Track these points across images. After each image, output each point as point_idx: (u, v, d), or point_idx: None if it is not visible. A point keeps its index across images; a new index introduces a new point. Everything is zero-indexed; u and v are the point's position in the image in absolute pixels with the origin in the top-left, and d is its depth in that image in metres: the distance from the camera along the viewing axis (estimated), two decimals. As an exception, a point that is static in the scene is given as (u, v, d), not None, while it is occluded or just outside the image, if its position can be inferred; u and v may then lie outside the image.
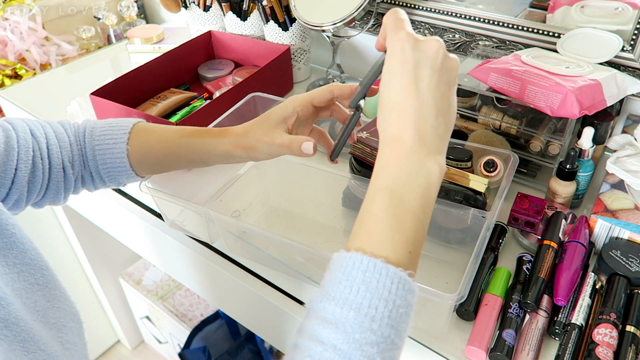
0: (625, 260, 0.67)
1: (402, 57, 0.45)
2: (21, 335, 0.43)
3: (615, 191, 0.74)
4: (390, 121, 0.46)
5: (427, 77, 0.45)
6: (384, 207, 0.44)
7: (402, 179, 0.44)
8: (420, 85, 0.45)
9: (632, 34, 0.81)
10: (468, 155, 0.74)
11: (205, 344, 1.47)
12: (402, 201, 0.44)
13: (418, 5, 1.02)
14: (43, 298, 0.49)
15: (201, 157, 0.64)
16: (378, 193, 0.45)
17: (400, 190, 0.44)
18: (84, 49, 1.42)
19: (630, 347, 0.58)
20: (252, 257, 0.79)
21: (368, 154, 0.73)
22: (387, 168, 0.45)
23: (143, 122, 0.70)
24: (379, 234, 0.43)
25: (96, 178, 0.69)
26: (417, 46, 0.45)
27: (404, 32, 0.45)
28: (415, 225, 0.44)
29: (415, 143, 0.45)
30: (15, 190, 0.61)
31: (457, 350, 0.62)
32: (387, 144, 0.46)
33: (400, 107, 0.45)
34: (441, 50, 0.46)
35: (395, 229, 0.43)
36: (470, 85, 0.82)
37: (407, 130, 0.45)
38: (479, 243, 0.61)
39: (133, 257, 1.67)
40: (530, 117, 0.80)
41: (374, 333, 0.39)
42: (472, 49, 0.99)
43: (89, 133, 0.67)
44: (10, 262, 0.47)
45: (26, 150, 0.61)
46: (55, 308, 0.50)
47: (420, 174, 0.45)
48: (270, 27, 1.10)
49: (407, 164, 0.45)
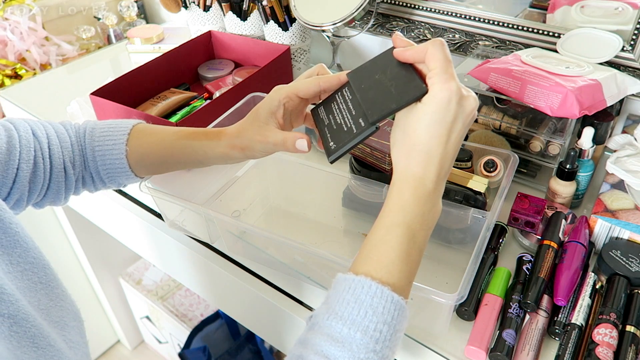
0: (625, 260, 0.67)
1: (447, 108, 0.48)
2: (31, 330, 0.43)
3: (615, 191, 0.74)
4: (417, 161, 0.49)
5: (458, 131, 0.49)
6: (399, 241, 0.48)
7: (418, 217, 0.49)
8: (451, 137, 0.49)
9: (632, 34, 0.81)
10: (468, 155, 0.74)
11: (205, 344, 1.47)
12: (414, 237, 0.48)
13: (418, 5, 1.02)
14: (46, 297, 0.49)
15: (199, 159, 0.64)
16: (397, 227, 0.48)
17: (415, 227, 0.48)
18: (84, 49, 1.42)
19: (630, 347, 0.58)
20: (252, 257, 0.79)
21: (368, 154, 0.73)
22: (408, 206, 0.49)
23: (143, 123, 0.70)
24: (390, 264, 0.47)
25: (96, 179, 0.69)
26: (461, 102, 0.48)
27: (455, 83, 0.48)
28: (419, 259, 0.49)
29: (434, 187, 0.49)
30: (16, 190, 0.61)
31: (457, 350, 0.62)
32: (409, 183, 0.49)
33: (429, 152, 0.49)
34: (476, 109, 0.50)
35: (405, 261, 0.47)
36: (470, 85, 0.82)
37: (431, 175, 0.49)
38: (478, 243, 0.61)
39: (133, 257, 1.67)
40: (530, 117, 0.80)
41: (376, 354, 0.43)
42: (472, 49, 0.99)
43: (89, 134, 0.67)
44: (14, 261, 0.47)
45: (28, 150, 0.61)
46: (58, 307, 0.50)
47: (432, 214, 0.50)
48: (270, 27, 1.10)
49: (424, 205, 0.49)
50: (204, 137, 0.64)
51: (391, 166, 0.73)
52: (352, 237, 0.78)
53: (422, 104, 0.48)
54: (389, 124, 0.77)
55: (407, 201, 0.49)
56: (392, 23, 1.07)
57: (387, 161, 0.72)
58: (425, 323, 0.65)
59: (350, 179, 0.76)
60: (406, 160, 0.50)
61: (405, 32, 1.06)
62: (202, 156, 0.64)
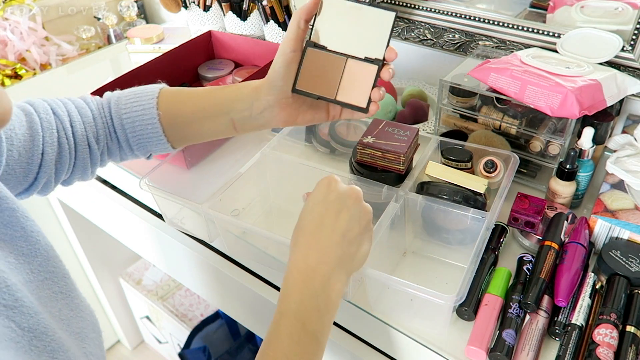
0: (625, 260, 0.67)
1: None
2: (50, 345, 0.42)
3: (615, 191, 0.74)
4: (298, 248, 0.53)
5: (342, 219, 0.55)
6: (288, 332, 0.49)
7: (305, 302, 0.50)
8: (336, 223, 0.54)
9: (632, 34, 0.81)
10: (468, 155, 0.74)
11: (205, 344, 1.47)
12: (305, 327, 0.49)
13: (418, 5, 1.02)
14: (67, 307, 0.48)
15: (228, 106, 0.64)
16: (283, 317, 0.50)
17: (305, 314, 0.50)
18: (84, 49, 1.42)
19: (630, 348, 0.58)
20: (252, 257, 0.79)
21: (379, 157, 0.73)
22: (293, 294, 0.51)
23: (166, 86, 0.69)
24: (284, 356, 0.48)
25: (125, 147, 0.67)
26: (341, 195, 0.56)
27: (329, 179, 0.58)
28: (315, 347, 0.50)
29: (321, 272, 0.51)
30: (43, 174, 0.61)
31: (457, 350, 0.62)
32: (291, 269, 0.52)
33: (311, 238, 0.54)
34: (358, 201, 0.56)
35: (299, 354, 0.49)
36: (470, 85, 0.82)
37: (311, 261, 0.52)
38: (478, 243, 0.61)
39: (133, 257, 1.67)
40: (530, 117, 0.80)
41: None
42: (472, 49, 0.99)
43: (115, 103, 0.66)
44: (35, 270, 0.46)
45: (50, 132, 0.61)
46: (79, 317, 0.49)
47: (325, 297, 0.51)
48: (270, 27, 1.10)
49: (311, 289, 0.51)
50: (233, 85, 0.65)
51: (404, 166, 0.73)
52: (352, 237, 0.78)
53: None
54: (389, 125, 0.77)
55: (291, 282, 0.51)
56: (392, 23, 1.07)
57: (401, 161, 0.72)
58: (425, 323, 0.65)
59: (350, 179, 0.76)
60: (292, 247, 0.54)
61: (405, 32, 1.06)
62: (230, 101, 0.64)
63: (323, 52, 0.60)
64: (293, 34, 0.58)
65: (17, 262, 0.45)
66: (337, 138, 0.89)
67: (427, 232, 0.75)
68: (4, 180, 0.57)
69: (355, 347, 0.74)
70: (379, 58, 0.59)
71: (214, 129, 0.67)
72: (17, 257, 0.45)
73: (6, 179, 0.58)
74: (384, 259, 0.71)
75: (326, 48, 0.60)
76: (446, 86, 0.84)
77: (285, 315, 0.50)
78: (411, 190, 0.72)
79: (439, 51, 1.04)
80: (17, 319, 0.40)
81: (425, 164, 0.74)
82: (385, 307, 0.67)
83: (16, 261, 0.45)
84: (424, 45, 1.05)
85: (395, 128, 0.76)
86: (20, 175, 0.59)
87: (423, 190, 0.72)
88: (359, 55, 0.59)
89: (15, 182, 0.59)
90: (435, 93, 1.01)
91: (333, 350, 0.77)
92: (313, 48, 0.60)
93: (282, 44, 0.59)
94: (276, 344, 0.49)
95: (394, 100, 0.98)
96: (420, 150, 0.78)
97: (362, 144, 0.73)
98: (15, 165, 0.58)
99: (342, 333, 0.76)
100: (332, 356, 0.78)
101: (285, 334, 0.49)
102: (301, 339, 0.49)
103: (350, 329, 0.75)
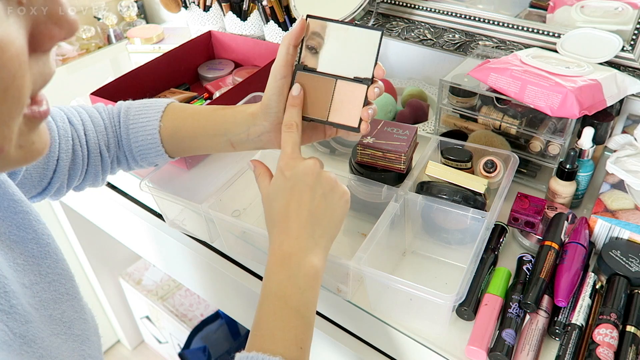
0: (625, 260, 0.67)
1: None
2: (39, 352, 0.43)
3: (615, 191, 0.74)
4: (271, 228, 0.55)
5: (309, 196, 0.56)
6: (271, 311, 0.51)
7: (284, 282, 0.52)
8: (301, 199, 0.55)
9: (632, 34, 0.81)
10: (468, 155, 0.74)
11: (205, 344, 1.47)
12: (286, 304, 0.51)
13: (418, 5, 1.02)
14: (71, 309, 0.49)
15: (226, 129, 0.65)
16: (266, 297, 0.52)
17: (285, 292, 0.51)
18: (84, 49, 1.42)
19: (630, 348, 0.58)
20: (252, 257, 0.79)
21: (380, 157, 0.73)
22: (272, 274, 0.53)
23: (177, 102, 0.71)
24: (271, 336, 0.50)
25: (130, 158, 0.70)
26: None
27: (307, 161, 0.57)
28: (299, 321, 0.51)
29: (294, 249, 0.53)
30: (57, 179, 0.64)
31: (457, 350, 0.62)
32: (270, 250, 0.54)
33: (281, 217, 0.55)
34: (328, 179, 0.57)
35: (284, 329, 0.50)
36: (470, 85, 0.82)
37: (285, 239, 0.54)
38: (478, 243, 0.61)
39: (133, 257, 1.67)
40: (530, 117, 0.80)
41: None
42: (472, 49, 0.99)
43: (124, 113, 0.69)
44: (43, 272, 0.47)
45: (66, 140, 0.63)
46: (82, 320, 0.50)
47: (302, 275, 0.52)
48: (270, 27, 1.10)
49: (289, 269, 0.52)
50: (233, 107, 0.67)
51: (405, 165, 0.73)
52: (351, 237, 0.78)
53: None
54: (387, 124, 0.77)
55: (270, 269, 0.53)
56: (392, 23, 1.07)
57: (402, 160, 0.72)
58: (425, 323, 0.65)
59: (350, 179, 0.76)
60: (269, 237, 0.56)
61: (405, 32, 1.06)
62: (229, 123, 0.65)
63: (313, 75, 0.60)
64: (282, 60, 0.59)
65: (25, 263, 0.46)
66: (337, 138, 0.90)
67: (427, 232, 0.75)
68: (20, 184, 0.60)
69: (355, 347, 0.74)
70: (368, 77, 0.59)
71: (212, 146, 0.69)
72: (26, 258, 0.46)
73: (22, 182, 0.61)
74: (383, 258, 0.71)
75: (315, 70, 0.60)
76: (446, 86, 0.84)
77: (267, 297, 0.52)
78: (411, 190, 0.72)
79: (439, 51, 1.04)
80: (10, 324, 0.41)
81: (425, 163, 0.74)
82: (385, 307, 0.67)
83: (25, 262, 0.46)
84: (424, 45, 1.05)
85: (394, 127, 0.76)
86: (35, 180, 0.62)
87: (423, 190, 0.72)
88: (348, 76, 0.59)
89: (30, 186, 0.62)
90: (435, 93, 1.01)
91: (333, 350, 0.77)
92: (302, 71, 0.60)
93: (272, 71, 0.60)
94: (260, 323, 0.51)
95: (394, 100, 0.98)
96: (420, 150, 0.78)
97: (362, 144, 0.73)
98: (33, 170, 0.61)
99: (342, 333, 0.76)
100: (333, 356, 0.78)
101: (268, 313, 0.51)
102: (284, 315, 0.51)
103: (350, 329, 0.75)
